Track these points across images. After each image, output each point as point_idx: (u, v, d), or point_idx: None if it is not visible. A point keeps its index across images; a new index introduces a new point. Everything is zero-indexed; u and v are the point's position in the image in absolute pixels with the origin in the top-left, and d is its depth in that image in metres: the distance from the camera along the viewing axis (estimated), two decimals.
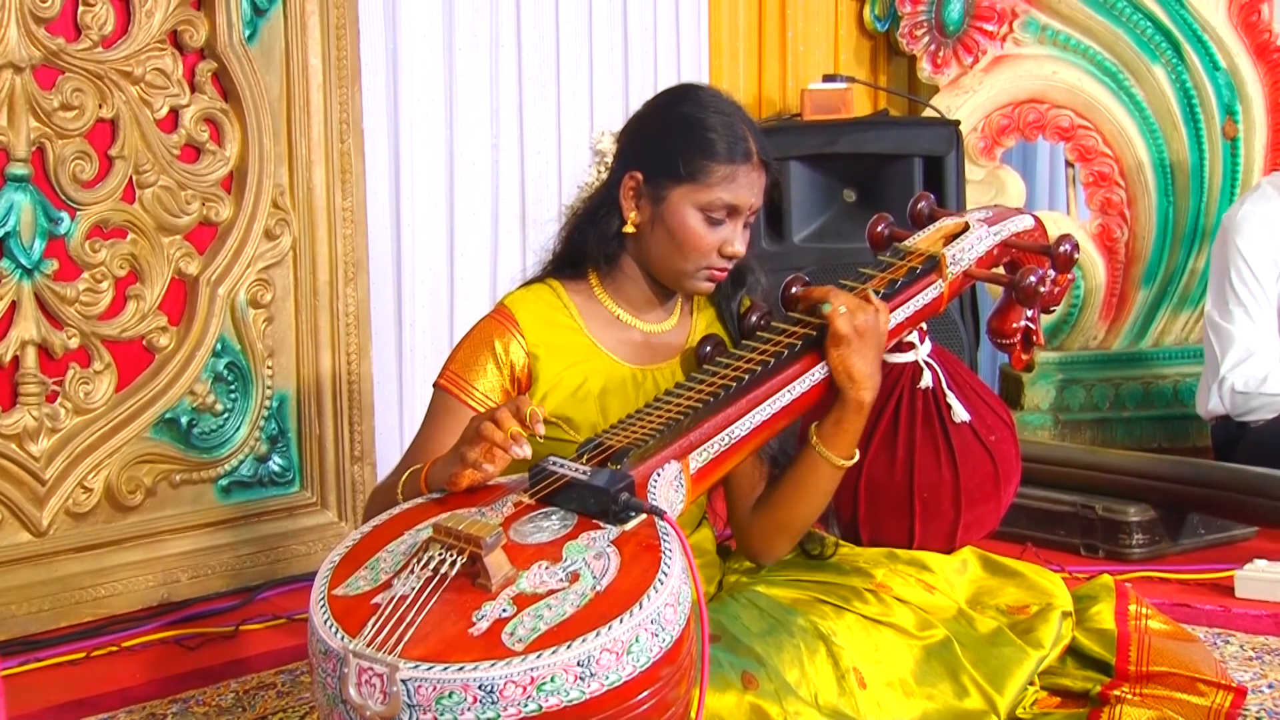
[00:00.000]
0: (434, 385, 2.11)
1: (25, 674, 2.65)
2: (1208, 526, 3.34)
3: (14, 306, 2.89)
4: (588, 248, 2.13)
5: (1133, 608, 2.23)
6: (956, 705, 2.01)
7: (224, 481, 3.22)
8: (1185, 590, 2.99)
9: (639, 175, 2.08)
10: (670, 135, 2.07)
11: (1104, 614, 2.22)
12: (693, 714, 1.57)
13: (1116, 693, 2.07)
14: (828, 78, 4.41)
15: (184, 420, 3.14)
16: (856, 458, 2.05)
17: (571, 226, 2.18)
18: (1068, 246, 2.15)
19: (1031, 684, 2.11)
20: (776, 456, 2.12)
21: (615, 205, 2.10)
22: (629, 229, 2.09)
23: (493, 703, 1.40)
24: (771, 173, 2.10)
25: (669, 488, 1.78)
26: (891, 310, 2.04)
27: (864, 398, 1.98)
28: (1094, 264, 4.58)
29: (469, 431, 1.75)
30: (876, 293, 2.02)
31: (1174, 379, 4.52)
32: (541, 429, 1.74)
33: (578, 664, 1.42)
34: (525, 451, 1.71)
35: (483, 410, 2.00)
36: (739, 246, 2.07)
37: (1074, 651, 2.19)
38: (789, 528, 2.10)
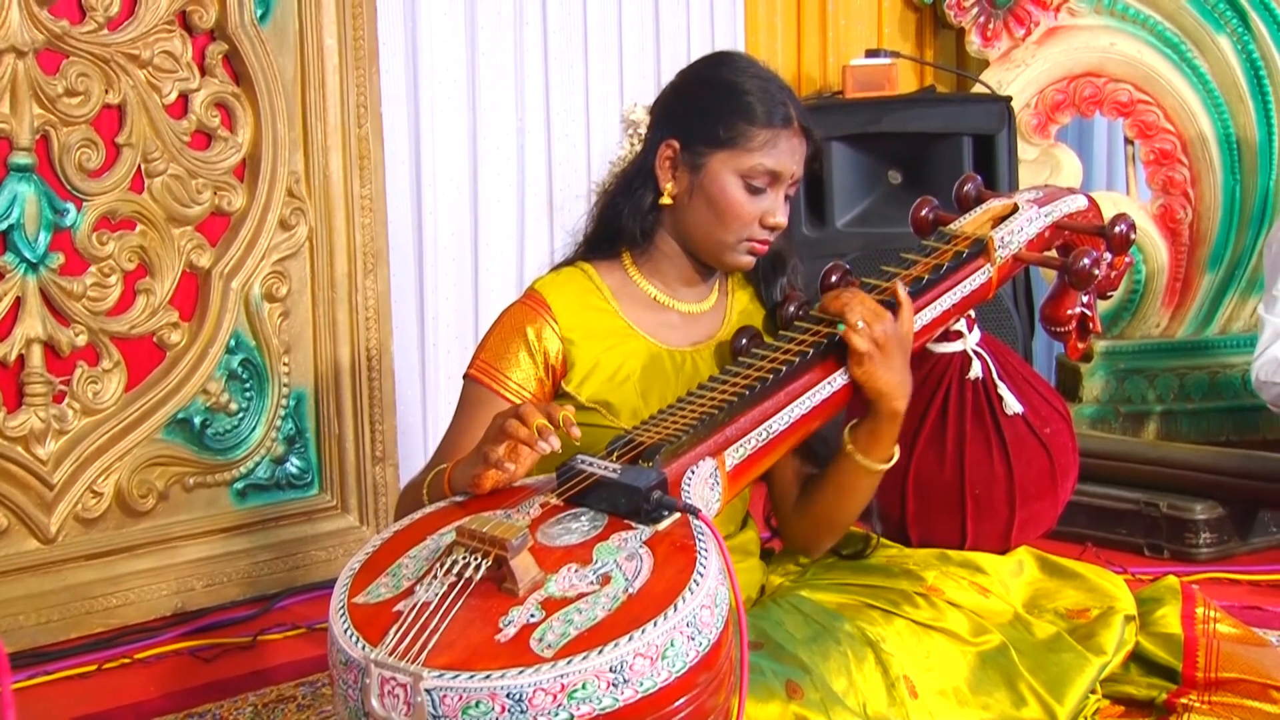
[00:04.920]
0: (464, 376, 2.12)
1: (34, 687, 2.68)
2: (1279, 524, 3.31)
3: (19, 303, 2.92)
4: (622, 223, 2.14)
5: (1200, 611, 2.21)
6: (1013, 715, 2.00)
7: (240, 484, 3.24)
8: (1256, 592, 2.97)
9: (675, 144, 2.09)
10: (708, 100, 2.08)
11: (1169, 617, 2.20)
12: None
13: (1183, 701, 2.07)
14: (871, 53, 4.41)
15: (197, 420, 3.16)
16: (896, 457, 2.04)
17: (604, 203, 2.19)
18: (1123, 227, 2.14)
19: (1093, 692, 2.10)
20: (817, 449, 2.12)
21: (650, 177, 2.11)
22: (665, 200, 2.10)
23: (522, 712, 1.40)
24: (813, 142, 2.11)
25: (704, 485, 1.78)
26: (937, 297, 2.04)
27: (897, 407, 1.97)
28: (1155, 247, 4.55)
29: (492, 429, 1.75)
30: (917, 281, 2.01)
31: (1242, 368, 4.45)
32: (576, 431, 1.73)
33: (610, 670, 1.42)
34: (555, 445, 1.71)
35: (517, 401, 2.01)
36: (781, 217, 2.08)
37: (1138, 658, 2.17)
38: (833, 527, 2.11)
